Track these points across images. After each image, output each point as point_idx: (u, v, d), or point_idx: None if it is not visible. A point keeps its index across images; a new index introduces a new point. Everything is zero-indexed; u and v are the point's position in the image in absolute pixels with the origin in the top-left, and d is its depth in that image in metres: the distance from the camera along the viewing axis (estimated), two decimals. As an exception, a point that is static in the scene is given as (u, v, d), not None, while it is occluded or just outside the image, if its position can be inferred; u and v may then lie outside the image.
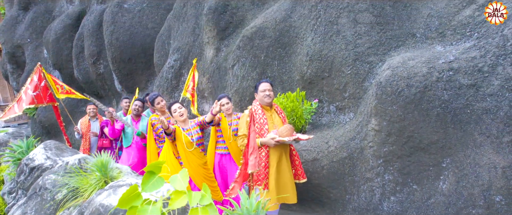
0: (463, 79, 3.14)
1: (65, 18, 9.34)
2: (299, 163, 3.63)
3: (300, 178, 3.62)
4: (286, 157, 3.56)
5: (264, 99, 3.52)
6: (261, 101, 3.56)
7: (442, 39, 3.90)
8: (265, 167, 3.44)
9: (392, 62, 3.59)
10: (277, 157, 3.47)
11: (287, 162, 3.56)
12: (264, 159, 3.45)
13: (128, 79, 7.93)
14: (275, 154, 3.47)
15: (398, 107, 3.33)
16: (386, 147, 3.55)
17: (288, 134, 3.28)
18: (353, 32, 4.20)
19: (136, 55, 7.63)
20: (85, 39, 8.34)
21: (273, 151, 3.47)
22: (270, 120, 3.55)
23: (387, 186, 3.63)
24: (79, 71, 8.81)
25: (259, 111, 3.51)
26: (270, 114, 3.59)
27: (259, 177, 3.46)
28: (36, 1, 11.08)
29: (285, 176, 3.52)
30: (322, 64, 4.35)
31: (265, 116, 3.51)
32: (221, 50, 5.68)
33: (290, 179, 3.56)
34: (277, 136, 3.28)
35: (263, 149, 3.45)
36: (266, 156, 3.46)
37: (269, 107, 3.61)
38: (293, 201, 3.60)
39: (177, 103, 3.94)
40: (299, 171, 3.61)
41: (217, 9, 5.64)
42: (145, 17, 7.70)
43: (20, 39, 10.66)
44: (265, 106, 3.58)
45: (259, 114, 3.50)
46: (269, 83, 3.59)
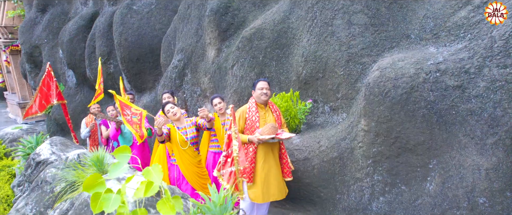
0: (449, 80, 3.14)
1: (78, 20, 9.67)
2: (286, 162, 3.70)
3: (285, 176, 3.69)
4: (273, 155, 3.64)
5: (261, 97, 3.62)
6: (258, 99, 3.65)
7: (436, 40, 3.90)
8: (251, 162, 3.54)
9: (382, 63, 3.61)
10: (264, 154, 3.57)
11: (274, 159, 3.65)
12: (251, 155, 3.55)
13: (136, 79, 8.15)
14: (262, 151, 3.57)
15: (385, 108, 3.36)
16: (375, 147, 3.57)
17: (270, 132, 3.37)
18: (347, 33, 4.23)
19: (144, 55, 7.84)
20: (96, 39, 8.62)
21: (261, 148, 3.57)
22: (262, 118, 3.64)
23: (376, 187, 3.65)
24: (91, 70, 9.11)
25: (253, 109, 3.61)
26: (264, 112, 3.68)
27: (245, 171, 3.56)
28: (53, 3, 11.50)
29: (271, 172, 3.60)
30: (316, 65, 4.40)
31: (258, 114, 3.60)
32: (222, 51, 5.80)
33: (277, 176, 3.64)
34: (259, 134, 3.38)
35: (251, 145, 3.55)
36: (254, 152, 3.56)
37: (264, 105, 3.71)
38: (280, 197, 3.68)
39: (169, 104, 4.06)
40: (285, 170, 3.69)
41: (219, 11, 5.76)
42: (153, 18, 7.90)
43: (37, 40, 11.09)
44: (260, 104, 3.68)
45: (252, 112, 3.60)
46: (267, 82, 3.69)
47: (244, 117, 3.60)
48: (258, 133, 3.46)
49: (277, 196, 3.68)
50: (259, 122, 3.57)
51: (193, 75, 6.31)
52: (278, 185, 3.60)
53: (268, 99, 3.68)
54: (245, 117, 3.60)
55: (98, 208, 1.83)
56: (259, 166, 3.59)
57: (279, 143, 3.72)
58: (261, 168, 3.58)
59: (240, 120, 3.59)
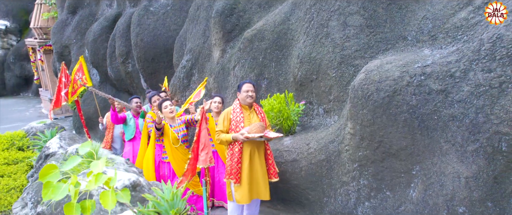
0: (433, 84, 3.03)
1: (102, 21, 10.14)
2: (272, 162, 3.72)
3: (272, 177, 3.72)
4: (259, 155, 3.68)
5: (246, 99, 3.68)
6: (243, 101, 3.71)
7: (433, 42, 3.77)
8: (237, 162, 3.60)
9: (369, 66, 3.55)
10: (249, 154, 3.61)
11: (260, 160, 3.68)
12: (237, 154, 3.60)
13: (152, 78, 8.43)
14: (247, 151, 3.62)
15: (367, 111, 3.30)
16: (360, 151, 3.52)
17: (258, 131, 3.41)
18: (342, 34, 4.18)
19: (159, 55, 8.10)
20: (116, 40, 9.01)
21: (246, 148, 3.62)
22: (247, 119, 3.69)
23: (362, 191, 3.59)
24: (111, 69, 9.54)
25: (237, 110, 3.67)
26: (249, 114, 3.73)
27: (232, 171, 3.62)
28: (82, 5, 12.12)
29: (257, 172, 3.64)
30: (311, 67, 4.38)
31: (242, 115, 3.66)
32: (227, 52, 5.89)
33: (263, 176, 3.67)
34: (246, 132, 3.43)
35: (237, 144, 3.61)
36: (239, 152, 3.61)
37: (249, 107, 3.76)
38: (265, 197, 3.71)
39: (168, 101, 4.22)
40: (272, 171, 3.71)
41: (224, 12, 5.85)
42: (168, 19, 8.15)
43: (67, 40, 11.74)
44: (244, 106, 3.73)
45: (237, 113, 3.66)
46: (252, 84, 3.74)
47: (229, 118, 3.66)
48: (245, 132, 3.51)
49: (263, 196, 3.72)
50: (244, 123, 3.62)
51: (199, 75, 6.46)
52: (264, 185, 3.64)
53: (252, 101, 3.73)
54: (229, 118, 3.67)
55: (47, 196, 1.97)
56: (245, 166, 3.64)
57: (264, 144, 3.75)
58: (247, 168, 3.63)
59: (225, 121, 3.66)
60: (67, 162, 2.10)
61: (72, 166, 2.05)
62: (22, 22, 17.50)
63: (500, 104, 2.64)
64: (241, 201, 3.67)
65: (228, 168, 3.67)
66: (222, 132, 3.68)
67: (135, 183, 2.99)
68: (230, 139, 3.61)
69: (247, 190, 3.64)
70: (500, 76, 2.67)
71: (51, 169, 2.01)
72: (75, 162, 2.18)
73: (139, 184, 3.00)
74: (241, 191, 3.65)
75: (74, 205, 2.03)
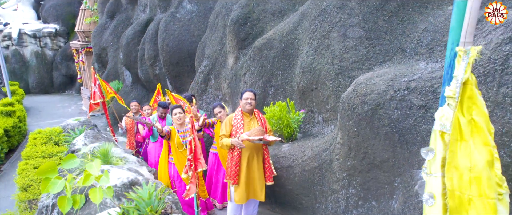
0: (415, 99, 3.11)
1: (135, 26, 10.83)
2: (269, 167, 3.95)
3: (267, 180, 3.95)
4: (257, 159, 3.93)
5: (246, 106, 3.96)
6: (243, 108, 3.99)
7: (430, 55, 3.80)
8: (236, 165, 3.87)
9: (359, 79, 3.66)
10: (247, 157, 3.88)
11: (258, 163, 3.94)
12: (236, 158, 3.88)
13: (176, 80, 8.92)
14: (246, 155, 3.89)
15: (353, 123, 3.42)
16: (349, 161, 3.64)
17: (257, 134, 3.67)
18: (342, 46, 4.30)
19: (183, 59, 8.56)
20: (146, 44, 9.61)
21: (245, 152, 3.89)
22: (247, 125, 3.96)
23: (350, 199, 3.71)
24: (142, 71, 10.18)
25: (238, 117, 3.95)
26: (249, 120, 4.00)
27: (231, 173, 3.90)
28: (120, 11, 12.98)
29: (254, 175, 3.90)
30: (311, 77, 4.54)
31: (242, 121, 3.93)
32: (240, 59, 6.17)
33: (259, 178, 3.92)
34: (246, 135, 3.69)
35: (236, 149, 3.89)
36: (238, 156, 3.88)
37: (249, 114, 4.02)
38: (260, 198, 3.96)
39: (179, 108, 4.56)
40: (267, 174, 3.95)
41: (239, 21, 6.13)
42: (193, 25, 8.59)
43: (105, 43, 12.63)
44: (245, 113, 4.00)
45: (238, 119, 3.94)
46: (253, 93, 4.01)
47: (231, 123, 3.94)
48: (246, 135, 3.78)
49: (259, 197, 3.97)
50: (243, 129, 3.88)
51: (216, 80, 6.79)
52: (260, 187, 3.90)
53: (252, 108, 3.98)
54: (231, 123, 3.95)
55: (45, 189, 2.34)
56: (243, 169, 3.90)
57: (262, 149, 3.98)
58: (245, 170, 3.89)
59: (227, 127, 3.95)
60: (65, 162, 2.47)
61: (70, 165, 2.42)
62: (69, 26, 18.94)
63: (474, 121, 2.68)
64: (239, 201, 3.94)
65: (228, 170, 3.96)
66: (224, 136, 3.97)
67: (133, 181, 3.34)
68: (229, 144, 3.89)
69: (244, 190, 3.90)
70: (476, 94, 2.71)
71: (50, 167, 2.39)
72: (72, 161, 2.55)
73: (137, 182, 3.35)
74: (239, 192, 3.92)
75: (67, 198, 2.41)
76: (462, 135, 1.09)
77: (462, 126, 1.09)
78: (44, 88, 18.95)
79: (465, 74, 1.10)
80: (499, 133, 2.49)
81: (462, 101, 1.12)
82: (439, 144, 1.15)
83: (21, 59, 18.52)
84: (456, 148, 1.09)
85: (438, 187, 1.14)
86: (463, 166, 1.07)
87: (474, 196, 1.04)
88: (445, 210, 1.09)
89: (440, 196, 1.12)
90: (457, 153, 1.09)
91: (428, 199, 1.16)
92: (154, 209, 2.37)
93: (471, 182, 1.05)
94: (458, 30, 1.21)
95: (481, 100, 1.12)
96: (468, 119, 1.09)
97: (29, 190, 5.19)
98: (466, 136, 1.09)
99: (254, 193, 3.97)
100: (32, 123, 12.63)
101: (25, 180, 5.27)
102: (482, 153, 1.07)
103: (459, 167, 1.08)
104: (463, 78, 1.10)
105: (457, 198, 1.07)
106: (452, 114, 1.13)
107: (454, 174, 1.09)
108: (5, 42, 18.06)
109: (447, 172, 1.11)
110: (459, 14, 1.22)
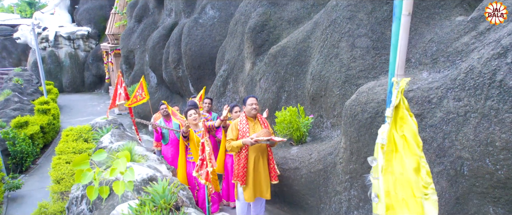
0: (412, 108, 3.30)
1: (161, 29, 11.39)
2: (274, 167, 4.24)
3: (272, 180, 4.25)
4: (262, 160, 4.23)
5: (251, 111, 4.26)
6: (248, 113, 4.29)
7: (433, 65, 3.97)
8: (243, 166, 4.18)
9: (363, 87, 3.88)
10: (254, 159, 4.18)
11: (263, 164, 4.23)
12: (243, 160, 4.19)
13: (198, 83, 9.35)
14: (252, 156, 4.19)
15: (354, 129, 3.65)
16: (351, 164, 3.87)
17: (265, 135, 3.97)
18: (349, 55, 4.53)
19: (204, 63, 8.98)
20: (170, 47, 10.12)
21: (251, 154, 4.19)
22: (252, 129, 4.26)
23: (352, 201, 3.94)
24: (166, 73, 10.70)
25: (243, 121, 4.26)
26: (253, 124, 4.30)
27: (239, 174, 4.21)
28: (147, 15, 13.62)
29: (260, 175, 4.20)
30: (320, 84, 4.79)
31: (248, 126, 4.24)
32: (256, 65, 6.48)
33: (265, 178, 4.22)
34: (255, 136, 4.00)
35: (243, 151, 4.19)
36: (245, 158, 4.19)
37: (253, 118, 4.32)
38: (266, 197, 4.26)
39: (192, 109, 4.92)
40: (272, 173, 4.24)
41: (256, 28, 6.45)
42: (214, 30, 8.99)
43: (132, 45, 13.31)
44: (249, 117, 4.30)
45: (243, 124, 4.25)
46: (255, 98, 4.31)
47: (237, 128, 4.25)
48: (255, 136, 4.08)
49: (265, 195, 4.26)
50: (249, 132, 4.18)
51: (233, 84, 7.14)
52: (266, 186, 4.20)
53: (256, 113, 4.27)
54: (237, 128, 4.25)
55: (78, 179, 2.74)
56: (250, 170, 4.21)
57: (267, 150, 4.27)
58: (252, 171, 4.20)
59: (233, 131, 4.24)
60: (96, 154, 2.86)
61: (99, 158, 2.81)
62: (101, 28, 19.97)
63: (463, 131, 2.86)
64: (248, 199, 4.26)
65: (235, 171, 4.27)
66: (232, 140, 4.28)
67: (151, 177, 3.72)
68: (240, 144, 4.19)
69: (252, 190, 4.21)
70: (466, 105, 2.89)
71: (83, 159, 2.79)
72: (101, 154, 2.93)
73: (155, 178, 3.72)
74: (247, 191, 4.23)
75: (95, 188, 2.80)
76: (396, 147, 1.34)
77: (396, 140, 1.34)
78: (76, 87, 20.06)
79: (396, 99, 1.35)
80: (485, 143, 2.67)
81: (396, 120, 1.37)
82: (380, 154, 1.40)
83: (56, 59, 19.70)
84: (392, 157, 1.34)
85: (381, 188, 1.39)
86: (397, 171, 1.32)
87: (406, 196, 1.29)
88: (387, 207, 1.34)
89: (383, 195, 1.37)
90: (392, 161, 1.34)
91: (374, 197, 1.41)
92: (167, 201, 2.72)
93: (402, 184, 1.30)
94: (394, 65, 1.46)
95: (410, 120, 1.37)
96: (400, 134, 1.34)
97: (62, 183, 5.72)
98: (399, 148, 1.34)
99: (261, 192, 4.26)
100: (65, 120, 13.49)
101: (58, 174, 5.80)
102: (410, 162, 1.32)
103: (394, 173, 1.33)
104: (395, 103, 1.35)
105: (393, 197, 1.33)
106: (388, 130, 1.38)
107: (390, 178, 1.34)
108: (42, 44, 19.27)
109: (384, 176, 1.36)
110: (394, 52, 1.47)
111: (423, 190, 1.28)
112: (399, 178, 1.33)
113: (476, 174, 2.76)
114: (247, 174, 4.22)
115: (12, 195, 7.74)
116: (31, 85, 15.74)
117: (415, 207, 1.27)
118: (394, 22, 1.43)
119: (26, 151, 9.06)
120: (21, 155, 8.99)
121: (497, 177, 2.62)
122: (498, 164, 2.60)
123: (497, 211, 2.73)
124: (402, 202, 1.31)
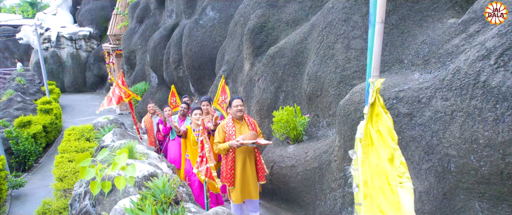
0: (402, 107, 3.43)
1: (162, 30, 11.54)
2: (261, 167, 4.35)
3: (260, 180, 4.36)
4: (250, 161, 4.31)
5: (237, 113, 4.34)
6: (234, 115, 4.37)
7: (425, 66, 4.09)
8: (231, 168, 4.28)
9: (356, 88, 4.01)
10: (241, 161, 4.27)
11: (251, 166, 4.32)
12: (231, 162, 4.28)
13: (198, 83, 9.50)
14: (240, 158, 4.28)
15: (347, 128, 3.78)
16: (345, 162, 4.00)
17: (251, 138, 4.08)
18: (344, 56, 4.66)
19: (204, 64, 9.12)
20: (171, 48, 10.26)
21: (239, 156, 4.27)
22: (238, 131, 4.32)
23: (346, 197, 4.06)
24: (167, 73, 10.85)
25: (229, 124, 4.34)
26: (240, 126, 4.38)
27: (226, 176, 4.31)
28: (148, 16, 13.78)
29: (248, 176, 4.29)
30: (316, 84, 4.92)
31: (234, 128, 4.32)
32: (255, 65, 6.61)
33: (253, 179, 4.32)
34: (241, 139, 4.11)
35: (230, 153, 4.27)
36: (232, 160, 4.28)
37: (240, 120, 4.39)
38: (255, 197, 4.37)
39: (198, 109, 5.06)
40: (260, 174, 4.34)
41: (254, 30, 6.59)
42: (214, 31, 9.13)
43: (134, 46, 13.46)
44: (236, 119, 4.38)
45: (229, 126, 4.33)
46: (241, 99, 4.39)
47: (223, 130, 4.33)
48: (240, 139, 4.18)
49: (253, 196, 4.37)
50: (235, 135, 4.25)
51: (233, 84, 7.27)
52: (254, 187, 4.30)
53: (242, 114, 4.35)
54: (224, 130, 4.33)
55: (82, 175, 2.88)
56: (238, 171, 4.29)
57: (254, 151, 4.37)
58: (239, 173, 4.28)
59: (220, 134, 4.32)
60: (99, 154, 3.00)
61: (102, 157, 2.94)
62: (102, 29, 20.15)
63: (450, 129, 2.99)
64: (236, 201, 4.36)
65: (223, 173, 4.36)
66: (219, 142, 4.34)
67: (152, 174, 3.86)
68: (227, 147, 4.23)
69: (239, 192, 4.30)
70: (453, 105, 3.02)
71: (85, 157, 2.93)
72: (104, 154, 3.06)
73: (155, 175, 3.86)
74: (235, 193, 4.33)
75: (97, 183, 2.94)
76: (372, 141, 1.47)
77: (371, 135, 1.47)
78: (78, 87, 20.24)
79: (372, 98, 1.48)
80: (469, 141, 2.80)
81: (371, 117, 1.50)
82: (359, 147, 1.53)
83: (58, 60, 19.89)
84: (368, 150, 1.47)
85: (360, 178, 1.52)
86: (373, 163, 1.44)
87: (382, 184, 1.42)
88: (365, 196, 1.47)
89: (362, 185, 1.50)
90: (369, 154, 1.47)
91: (355, 187, 1.54)
92: (167, 196, 2.85)
93: (379, 174, 1.43)
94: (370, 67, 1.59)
95: (386, 116, 1.50)
96: (376, 129, 1.47)
97: (64, 180, 5.86)
98: (375, 142, 1.47)
99: (249, 193, 4.33)
100: (67, 120, 13.65)
101: (61, 172, 5.95)
102: (385, 153, 1.44)
103: (371, 164, 1.46)
104: (371, 101, 1.49)
105: (370, 186, 1.45)
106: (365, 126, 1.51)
107: (367, 169, 1.47)
108: (45, 44, 19.46)
109: (362, 168, 1.49)
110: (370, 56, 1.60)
111: (398, 179, 1.41)
112: (375, 169, 1.46)
113: (462, 171, 2.88)
114: (235, 176, 4.30)
115: (15, 193, 7.89)
116: (34, 85, 15.92)
117: (390, 195, 1.40)
118: (369, 28, 1.56)
119: (29, 150, 9.21)
120: (24, 154, 9.15)
121: (481, 173, 2.75)
122: (482, 161, 2.72)
123: (482, 205, 2.86)
124: (378, 191, 1.44)
